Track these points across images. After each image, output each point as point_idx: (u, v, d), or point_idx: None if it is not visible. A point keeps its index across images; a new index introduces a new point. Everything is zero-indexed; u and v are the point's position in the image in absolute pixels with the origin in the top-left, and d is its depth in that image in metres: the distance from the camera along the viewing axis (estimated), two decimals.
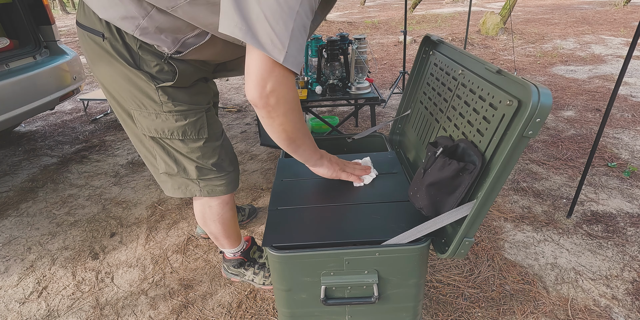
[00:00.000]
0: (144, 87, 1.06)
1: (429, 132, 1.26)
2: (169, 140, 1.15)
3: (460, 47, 1.17)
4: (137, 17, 0.93)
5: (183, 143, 1.16)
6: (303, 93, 2.25)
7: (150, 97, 1.08)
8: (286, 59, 0.79)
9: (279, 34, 0.76)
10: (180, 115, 1.11)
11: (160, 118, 1.11)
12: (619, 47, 5.62)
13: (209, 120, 1.18)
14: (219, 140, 1.23)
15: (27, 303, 1.59)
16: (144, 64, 1.03)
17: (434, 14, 10.75)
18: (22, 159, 2.90)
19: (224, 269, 1.63)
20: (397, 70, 5.01)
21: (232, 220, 1.42)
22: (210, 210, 1.36)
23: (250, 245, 1.62)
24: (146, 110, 1.10)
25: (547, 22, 8.23)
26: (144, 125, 1.13)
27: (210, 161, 1.21)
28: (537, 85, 0.74)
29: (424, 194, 0.98)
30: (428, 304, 1.48)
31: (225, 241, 1.49)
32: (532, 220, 1.94)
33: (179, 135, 1.14)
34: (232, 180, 1.31)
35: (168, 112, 1.10)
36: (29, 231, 2.05)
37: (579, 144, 2.71)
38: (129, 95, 1.08)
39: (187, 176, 1.23)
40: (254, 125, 3.37)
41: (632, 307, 1.44)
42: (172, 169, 1.21)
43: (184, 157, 1.19)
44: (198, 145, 1.17)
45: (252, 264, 1.60)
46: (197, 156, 1.19)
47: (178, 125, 1.12)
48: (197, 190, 1.26)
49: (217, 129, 1.22)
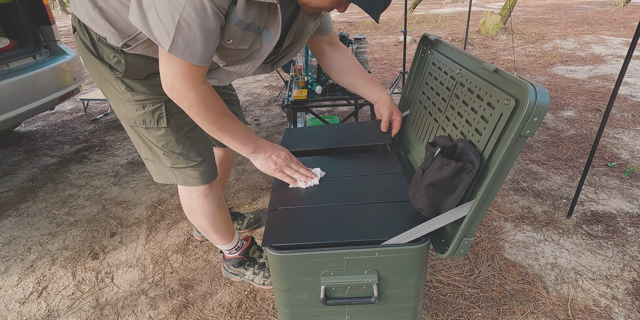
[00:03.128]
0: (108, 77, 1.13)
1: (427, 131, 1.26)
2: (138, 128, 1.21)
3: (458, 47, 1.17)
4: (90, 9, 1.02)
5: (147, 131, 1.21)
6: (303, 93, 2.25)
7: (114, 86, 1.14)
8: (172, 48, 0.88)
9: (165, 23, 0.85)
10: (138, 104, 1.16)
11: (125, 107, 1.17)
12: (619, 47, 5.62)
13: (171, 110, 1.20)
14: (182, 130, 1.24)
15: (27, 303, 1.59)
16: (104, 56, 1.10)
17: (434, 14, 10.75)
18: (22, 159, 2.90)
19: (224, 268, 1.63)
20: (397, 70, 5.01)
21: (217, 213, 1.42)
22: (192, 202, 1.37)
23: (250, 244, 1.62)
24: (114, 100, 1.18)
25: (547, 22, 8.23)
26: (117, 113, 1.21)
27: (175, 150, 1.25)
28: (534, 84, 0.74)
29: (423, 195, 0.98)
30: (428, 304, 1.48)
31: (214, 235, 1.48)
32: (532, 220, 1.94)
33: (141, 123, 1.19)
34: (204, 171, 1.32)
35: (128, 101, 1.16)
36: (29, 231, 2.05)
37: (579, 144, 2.71)
38: (103, 85, 1.17)
39: (161, 164, 1.28)
40: (254, 125, 3.37)
41: (632, 307, 1.44)
42: (149, 156, 1.27)
43: (153, 145, 1.24)
44: (160, 134, 1.21)
45: (252, 263, 1.60)
46: (162, 145, 1.23)
47: (138, 114, 1.17)
48: (173, 178, 1.31)
49: (180, 119, 1.23)
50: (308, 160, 1.43)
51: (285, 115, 3.53)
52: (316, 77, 2.34)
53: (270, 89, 4.46)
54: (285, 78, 3.95)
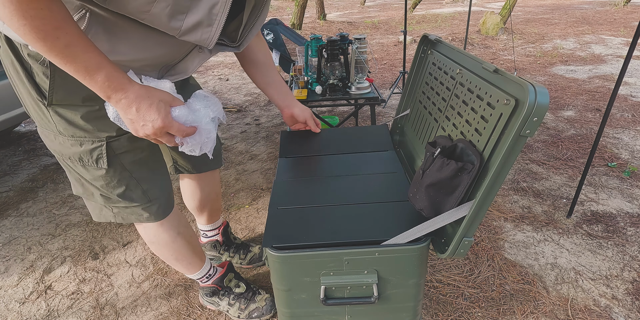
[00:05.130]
0: (36, 103, 0.92)
1: (427, 131, 1.26)
2: (71, 163, 1.02)
3: (458, 46, 1.17)
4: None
5: (84, 168, 1.02)
6: (303, 93, 2.25)
7: (44, 114, 0.94)
8: None
9: None
10: (74, 140, 0.96)
11: (57, 140, 0.98)
12: (619, 47, 5.62)
13: (114, 150, 1.00)
14: (126, 170, 1.05)
15: (27, 303, 1.59)
16: (31, 71, 0.87)
17: (434, 14, 10.75)
18: (22, 159, 2.90)
19: (200, 295, 1.50)
20: (397, 70, 5.01)
21: (177, 241, 1.26)
22: (146, 230, 1.22)
23: (225, 271, 1.47)
24: (44, 129, 0.98)
25: (547, 22, 8.23)
26: (46, 143, 1.02)
27: (115, 191, 1.06)
28: (533, 84, 0.74)
29: (423, 195, 0.98)
30: (428, 304, 1.48)
31: (178, 265, 1.33)
32: (532, 220, 1.94)
33: (77, 160, 1.00)
34: (152, 212, 1.14)
35: (61, 134, 0.95)
36: (29, 231, 2.05)
37: (579, 144, 2.71)
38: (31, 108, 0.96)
39: (96, 201, 1.10)
40: (254, 125, 3.37)
41: (632, 307, 1.44)
42: (80, 192, 1.09)
43: (87, 183, 1.06)
44: (100, 174, 1.02)
45: (227, 293, 1.45)
46: (101, 185, 1.04)
47: (74, 150, 0.98)
48: (110, 215, 1.12)
49: (129, 158, 1.04)
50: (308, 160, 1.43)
51: None
52: (316, 77, 2.34)
53: None
54: (285, 78, 3.96)
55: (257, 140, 3.05)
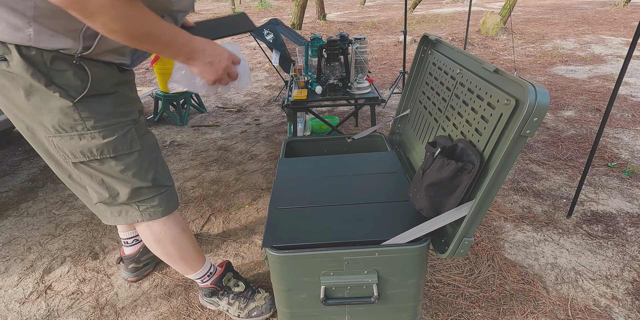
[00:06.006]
0: (60, 105, 0.96)
1: (428, 131, 1.26)
2: (97, 162, 1.05)
3: (458, 47, 1.17)
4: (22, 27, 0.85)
5: (116, 160, 1.07)
6: (303, 93, 2.26)
7: (69, 115, 0.98)
8: None
9: None
10: (107, 130, 1.02)
11: (85, 138, 1.01)
12: (619, 47, 5.62)
13: (139, 132, 1.10)
14: (154, 152, 1.15)
15: (27, 303, 1.59)
16: (55, 76, 0.93)
17: (434, 14, 10.75)
18: (22, 159, 2.90)
19: (200, 295, 1.51)
20: (397, 70, 5.01)
21: (182, 236, 1.29)
22: (151, 229, 1.24)
23: (224, 271, 1.47)
24: (67, 133, 1.00)
25: (547, 22, 8.23)
26: (67, 151, 1.03)
27: (148, 176, 1.12)
28: (534, 84, 0.74)
29: (423, 195, 0.98)
30: (428, 304, 1.48)
31: (182, 263, 1.34)
32: (532, 220, 1.94)
33: (110, 152, 1.05)
34: (171, 198, 1.22)
35: (92, 128, 1.01)
36: (29, 231, 2.05)
37: (579, 144, 2.71)
38: (43, 121, 0.98)
39: (122, 201, 1.14)
40: (254, 125, 3.37)
41: (632, 307, 1.44)
42: (104, 197, 1.12)
43: (116, 179, 1.10)
44: (133, 159, 1.09)
45: (226, 293, 1.46)
46: (134, 173, 1.10)
47: (107, 141, 1.03)
48: (137, 215, 1.17)
49: (150, 140, 1.15)
50: (307, 160, 1.43)
51: (285, 115, 3.53)
52: (316, 77, 2.34)
53: (270, 89, 4.46)
54: (285, 78, 3.95)
55: (257, 140, 3.06)
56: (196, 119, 3.58)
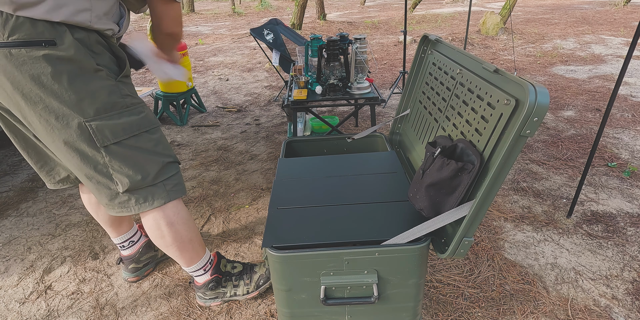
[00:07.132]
0: (105, 85, 1.03)
1: (428, 131, 1.26)
2: (134, 138, 1.10)
3: (458, 47, 1.17)
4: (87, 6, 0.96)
5: (149, 134, 1.14)
6: (303, 93, 2.25)
7: (113, 94, 1.05)
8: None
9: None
10: (139, 106, 1.13)
11: (124, 116, 1.08)
12: (619, 47, 5.62)
13: None
14: None
15: (27, 303, 1.59)
16: (98, 58, 1.02)
17: (434, 14, 10.75)
18: (22, 159, 2.90)
19: (199, 297, 1.49)
20: (397, 70, 5.01)
21: (190, 219, 1.31)
22: (166, 212, 1.22)
23: (218, 259, 1.50)
24: (108, 114, 1.04)
25: (547, 22, 8.23)
26: (108, 131, 1.05)
27: (170, 150, 1.21)
28: (534, 84, 0.74)
29: (423, 195, 0.98)
30: (428, 304, 1.48)
31: (189, 248, 1.33)
32: (532, 220, 1.94)
33: (146, 126, 1.13)
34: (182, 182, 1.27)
35: (132, 105, 1.10)
36: (29, 231, 2.05)
37: (579, 144, 2.71)
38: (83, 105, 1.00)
39: (150, 181, 1.15)
40: (254, 125, 3.37)
41: (632, 307, 1.44)
42: (136, 179, 1.12)
43: (149, 155, 1.13)
44: (160, 134, 1.19)
45: (228, 277, 1.49)
46: (163, 146, 1.18)
47: (141, 117, 1.12)
48: (164, 195, 1.18)
49: None
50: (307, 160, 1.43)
51: (285, 115, 3.53)
52: (316, 77, 2.34)
53: (270, 89, 4.46)
54: (285, 78, 3.95)
55: (257, 140, 3.05)
56: (196, 119, 3.58)
